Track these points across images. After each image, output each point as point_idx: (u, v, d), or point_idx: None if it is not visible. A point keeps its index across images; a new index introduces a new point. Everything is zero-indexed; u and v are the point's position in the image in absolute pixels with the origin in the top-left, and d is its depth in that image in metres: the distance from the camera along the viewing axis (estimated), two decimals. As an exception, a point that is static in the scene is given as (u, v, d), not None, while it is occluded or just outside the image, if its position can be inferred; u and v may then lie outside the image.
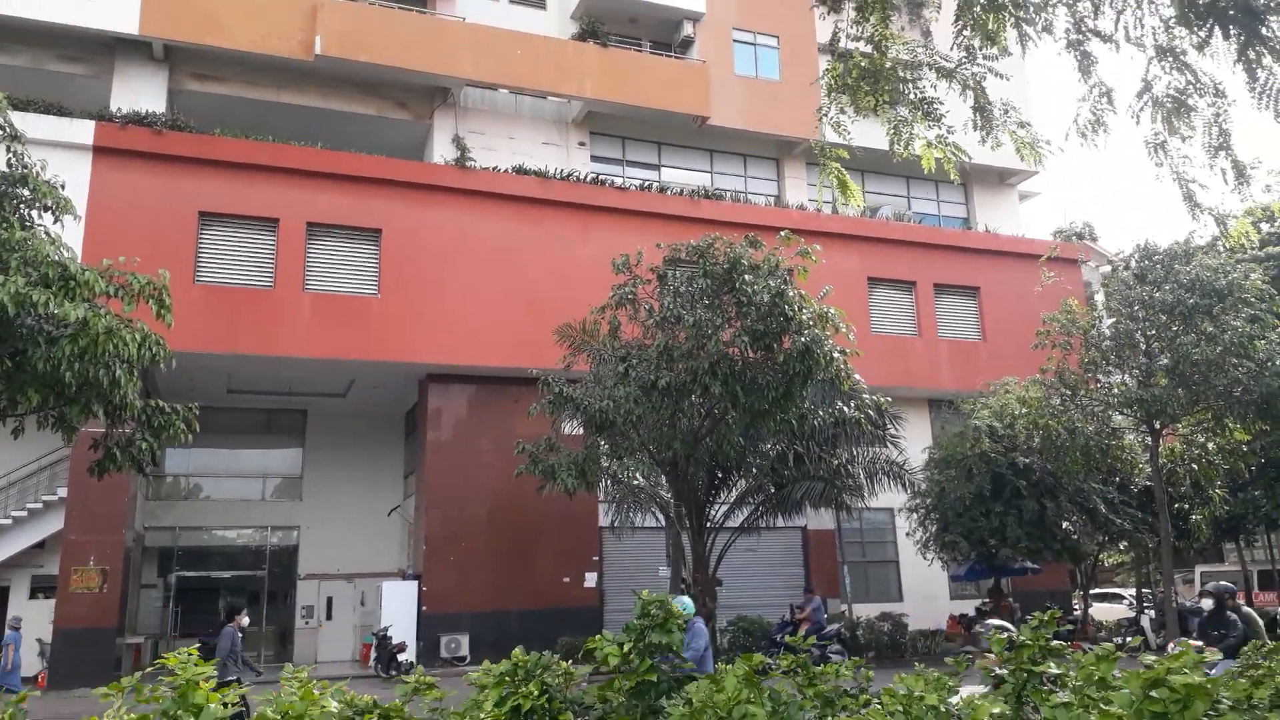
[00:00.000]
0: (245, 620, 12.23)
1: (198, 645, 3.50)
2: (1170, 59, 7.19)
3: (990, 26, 7.35)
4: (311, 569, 24.79)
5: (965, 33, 7.59)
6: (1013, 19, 7.30)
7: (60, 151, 18.15)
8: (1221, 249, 27.25)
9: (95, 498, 18.21)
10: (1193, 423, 19.70)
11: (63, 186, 11.64)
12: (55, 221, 11.50)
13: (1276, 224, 29.51)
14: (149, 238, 18.74)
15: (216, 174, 20.51)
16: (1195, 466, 20.38)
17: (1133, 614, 26.63)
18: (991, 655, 4.06)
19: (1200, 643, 6.61)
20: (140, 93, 21.40)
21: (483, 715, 3.54)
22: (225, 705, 3.25)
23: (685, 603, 9.40)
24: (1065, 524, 20.38)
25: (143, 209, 19.62)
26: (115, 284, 10.77)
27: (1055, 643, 3.82)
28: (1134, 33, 7.15)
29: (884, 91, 8.06)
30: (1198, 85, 7.19)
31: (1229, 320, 17.43)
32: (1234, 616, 10.28)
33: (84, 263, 10.84)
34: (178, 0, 21.36)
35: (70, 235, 12.34)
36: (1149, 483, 20.41)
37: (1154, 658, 3.11)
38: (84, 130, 19.72)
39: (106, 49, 21.62)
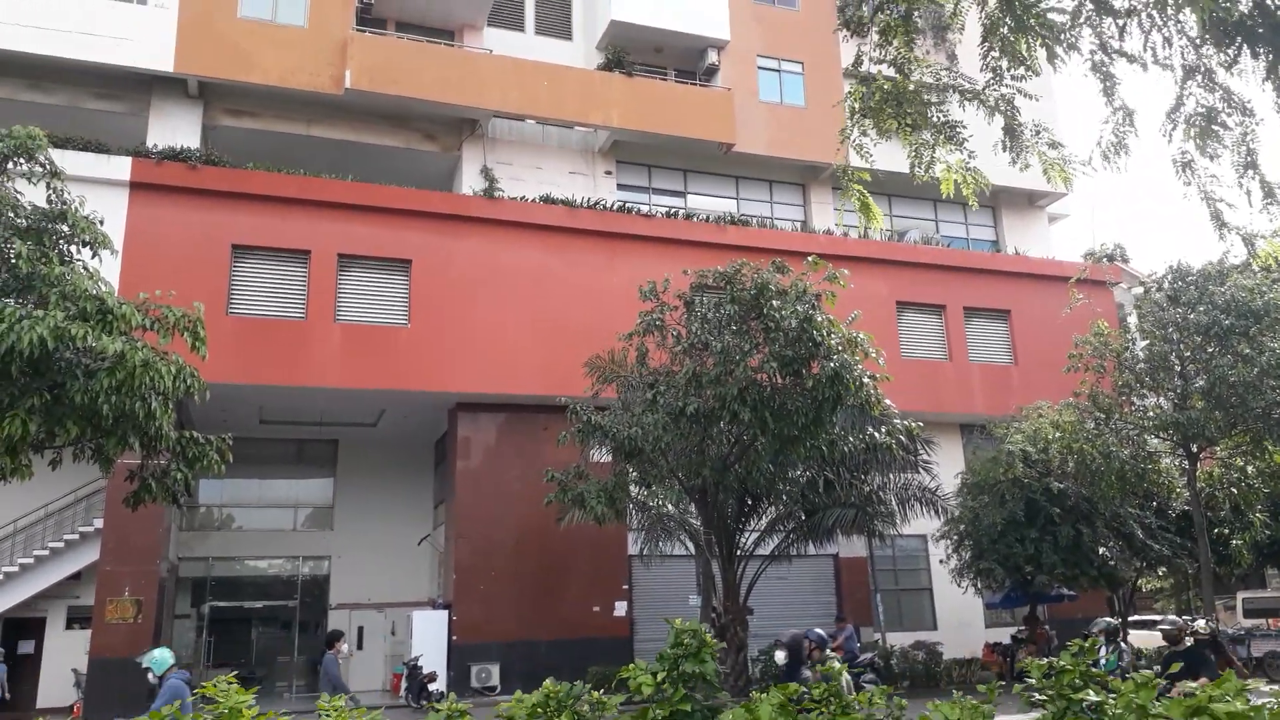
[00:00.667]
0: (344, 647, 12.32)
1: (235, 675, 3.51)
2: (1199, 78, 7.13)
3: (1019, 48, 7.34)
4: (343, 598, 24.86)
5: (993, 54, 7.58)
6: (1040, 39, 7.27)
7: (98, 187, 18.50)
8: (1256, 269, 26.86)
9: (130, 529, 18.40)
10: (1231, 446, 19.37)
11: (101, 222, 11.88)
12: (93, 256, 11.74)
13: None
14: (184, 271, 19.04)
15: (249, 207, 20.83)
16: (1234, 490, 20.01)
17: (1174, 641, 26.06)
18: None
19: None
20: (176, 129, 21.84)
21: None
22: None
23: (159, 657, 8.82)
24: (1102, 550, 20.04)
25: (178, 242, 19.95)
26: (151, 317, 10.96)
27: (1094, 670, 3.77)
28: (1161, 53, 7.10)
29: (907, 115, 8.06)
30: (1229, 103, 7.13)
31: (1266, 341, 17.19)
32: (808, 673, 8.81)
33: (121, 296, 11.04)
34: (211, 38, 21.82)
35: (108, 269, 12.58)
36: (1187, 507, 20.06)
37: (1194, 685, 3.06)
38: (121, 166, 20.11)
39: (143, 86, 22.10)
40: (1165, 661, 10.04)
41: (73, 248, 11.62)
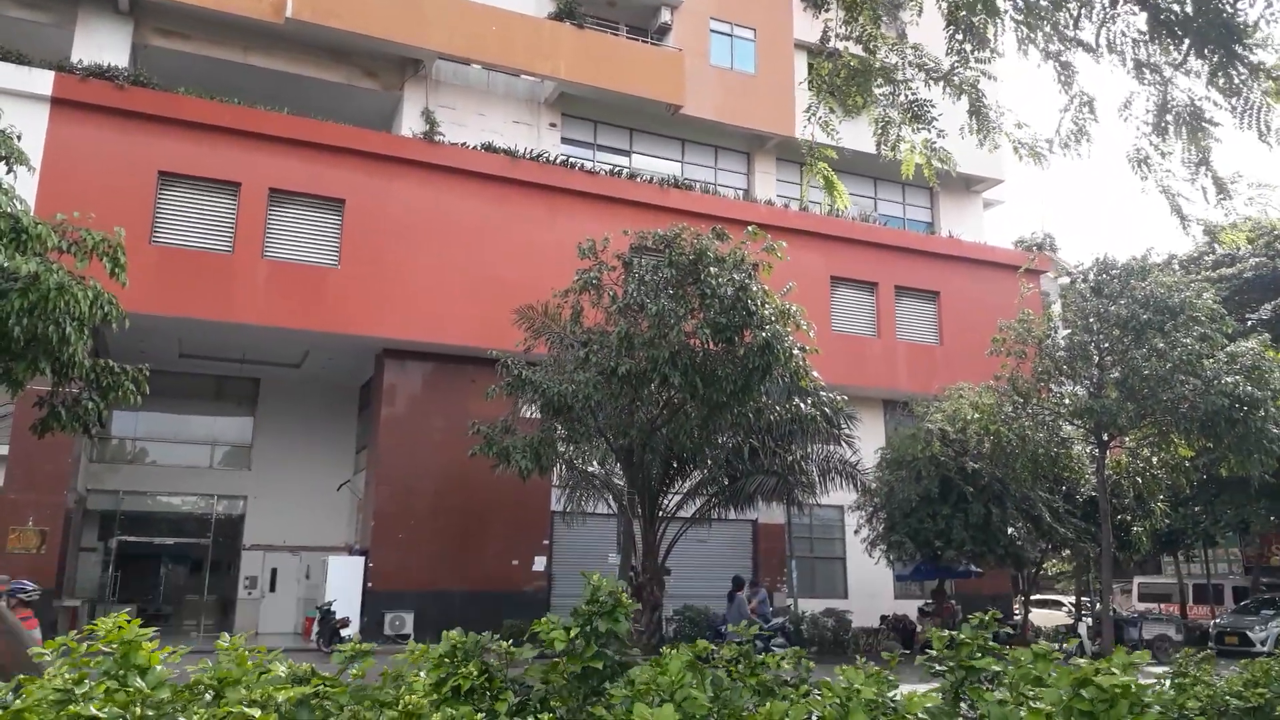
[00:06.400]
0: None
1: (128, 610, 3.43)
2: (1149, 73, 7.21)
3: (981, 29, 7.34)
4: (257, 539, 24.49)
5: (957, 37, 7.57)
6: (1012, 20, 7.24)
7: (16, 101, 17.67)
8: (1176, 267, 27.77)
9: (37, 457, 17.83)
10: (1139, 436, 20.10)
11: (18, 137, 11.34)
12: (8, 172, 11.19)
13: (1258, 239, 30.03)
14: (106, 195, 18.34)
15: (178, 133, 20.10)
16: (1139, 479, 20.79)
17: (1071, 621, 27.19)
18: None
19: None
20: (103, 45, 20.90)
21: (419, 697, 3.51)
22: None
23: None
24: (1010, 530, 20.71)
25: (101, 165, 19.19)
26: (69, 239, 10.53)
27: (993, 643, 3.89)
28: (1116, 44, 7.15)
29: (872, 92, 8.04)
30: (1177, 103, 7.21)
31: (1179, 337, 17.79)
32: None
33: (37, 216, 10.58)
34: (147, -47, 20.86)
35: (24, 187, 12.04)
36: (1094, 493, 20.80)
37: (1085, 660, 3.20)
38: (43, 80, 19.21)
39: (70, -2, 21.09)
40: None
41: (-14, 162, 11.08)
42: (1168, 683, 4.56)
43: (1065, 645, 14.92)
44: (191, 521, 25.22)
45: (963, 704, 3.70)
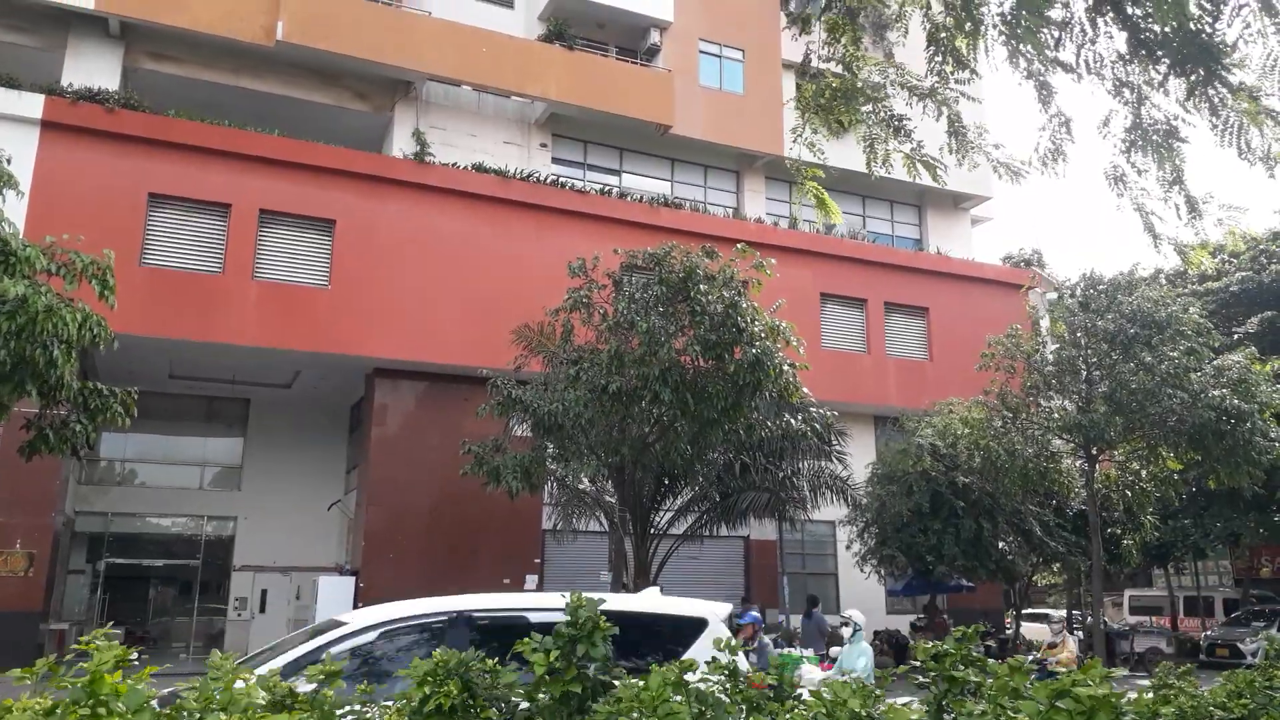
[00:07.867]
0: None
1: (110, 626, 3.42)
2: (1128, 92, 7.30)
3: (960, 48, 7.42)
4: (247, 560, 24.40)
5: (937, 58, 7.65)
6: (1003, 38, 7.31)
7: (6, 124, 17.75)
8: (1163, 281, 27.99)
9: (25, 480, 17.70)
10: (1128, 450, 20.19)
11: (8, 160, 11.37)
12: (-3, 195, 11.23)
13: (1217, 259, 30.40)
14: (96, 217, 18.35)
15: (169, 156, 20.14)
16: (1129, 493, 20.87)
17: (1063, 635, 27.17)
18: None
19: None
20: (93, 69, 20.96)
21: (402, 715, 3.50)
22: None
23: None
24: (1001, 544, 20.74)
25: (90, 187, 19.21)
26: (58, 262, 10.54)
27: (976, 654, 3.93)
28: (1094, 65, 7.24)
29: (857, 110, 8.12)
30: (1153, 121, 7.30)
31: (1166, 351, 17.91)
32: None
33: (26, 239, 10.59)
34: (137, -23, 20.94)
35: (13, 210, 12.06)
36: (1083, 507, 20.87)
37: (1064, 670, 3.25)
38: (33, 104, 19.25)
39: (60, 22, 21.15)
40: None
41: (-25, 185, 11.09)
42: (1150, 694, 4.60)
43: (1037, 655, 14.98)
44: (181, 543, 25.12)
45: (946, 716, 3.73)
